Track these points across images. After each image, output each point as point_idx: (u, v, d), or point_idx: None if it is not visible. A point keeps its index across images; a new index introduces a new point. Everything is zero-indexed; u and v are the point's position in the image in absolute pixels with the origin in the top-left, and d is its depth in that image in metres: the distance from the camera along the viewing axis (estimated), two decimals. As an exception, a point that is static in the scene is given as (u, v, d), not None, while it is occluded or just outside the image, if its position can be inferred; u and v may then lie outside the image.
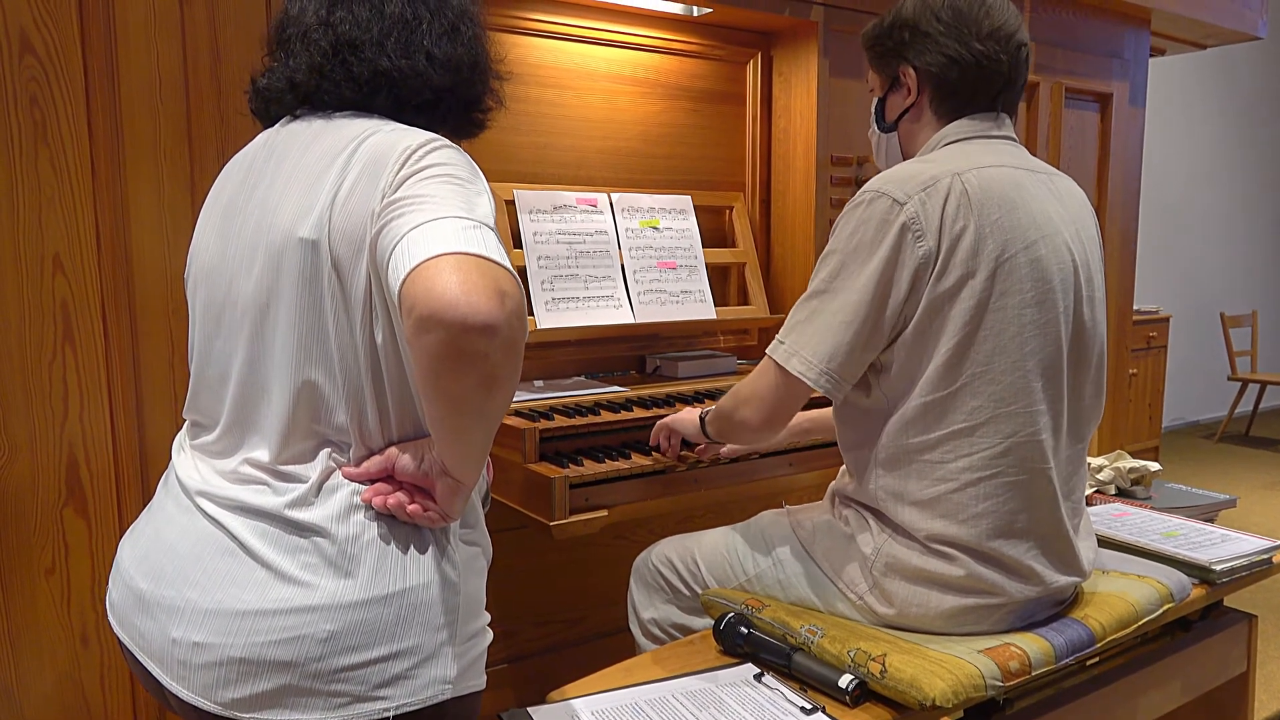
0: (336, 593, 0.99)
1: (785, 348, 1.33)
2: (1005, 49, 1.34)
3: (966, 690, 1.19)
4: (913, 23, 1.37)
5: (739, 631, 1.36)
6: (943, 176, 1.28)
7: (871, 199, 1.30)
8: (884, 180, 1.31)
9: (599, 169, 2.18)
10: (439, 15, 1.09)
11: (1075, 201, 1.41)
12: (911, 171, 1.31)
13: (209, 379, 1.11)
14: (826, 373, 1.29)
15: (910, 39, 1.38)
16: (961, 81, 1.35)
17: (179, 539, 1.06)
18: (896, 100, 1.44)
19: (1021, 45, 1.37)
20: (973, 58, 1.34)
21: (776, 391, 1.34)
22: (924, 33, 1.36)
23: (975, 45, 1.33)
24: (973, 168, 1.30)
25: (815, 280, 1.33)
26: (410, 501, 1.03)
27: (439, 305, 0.85)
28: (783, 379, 1.32)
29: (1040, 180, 1.37)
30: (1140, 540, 1.72)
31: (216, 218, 1.11)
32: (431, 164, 0.98)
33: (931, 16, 1.35)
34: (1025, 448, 1.29)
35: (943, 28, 1.34)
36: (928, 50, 1.36)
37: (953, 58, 1.34)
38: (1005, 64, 1.35)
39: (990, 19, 1.34)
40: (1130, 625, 1.41)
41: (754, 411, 1.37)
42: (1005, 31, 1.34)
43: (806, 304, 1.33)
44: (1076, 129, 2.93)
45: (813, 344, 1.29)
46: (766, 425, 1.37)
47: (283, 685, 0.97)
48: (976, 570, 1.29)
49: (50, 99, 1.43)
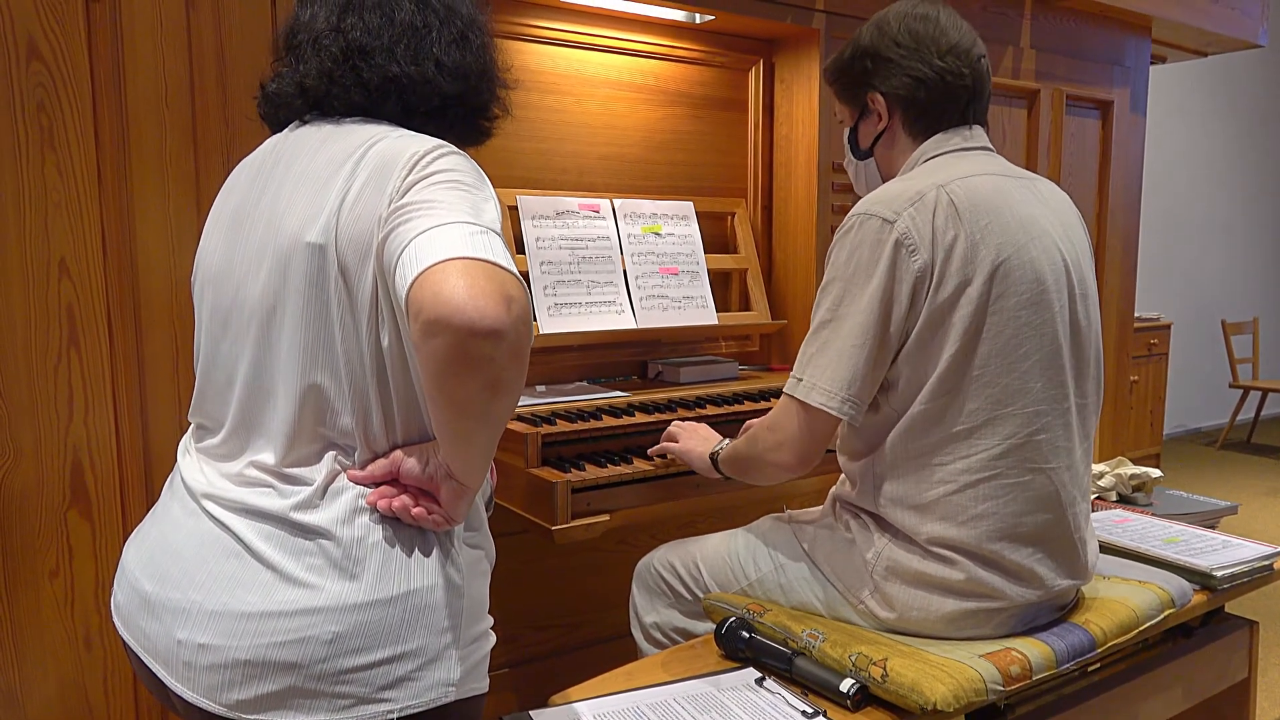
0: (341, 595, 0.99)
1: (804, 384, 1.32)
2: (966, 63, 1.38)
3: (968, 694, 1.19)
4: (873, 50, 1.41)
5: (740, 636, 1.36)
6: (927, 190, 1.30)
7: (861, 221, 1.32)
8: (870, 202, 1.33)
9: (601, 175, 2.19)
10: (448, 23, 1.10)
11: (1059, 203, 1.43)
12: (896, 190, 1.33)
13: (215, 382, 1.12)
14: (848, 399, 1.29)
15: (873, 66, 1.41)
16: (929, 100, 1.39)
17: (184, 541, 1.07)
18: (868, 127, 1.47)
19: (980, 57, 1.41)
20: (936, 75, 1.38)
21: (805, 430, 1.33)
22: (886, 58, 1.40)
23: (937, 63, 1.37)
24: (955, 178, 1.32)
25: (820, 311, 1.34)
26: (415, 504, 1.03)
27: (446, 310, 0.85)
28: (807, 415, 1.32)
29: (1023, 185, 1.39)
30: (1141, 546, 1.73)
31: (224, 222, 1.12)
32: (439, 170, 0.99)
33: (890, 43, 1.39)
34: (1025, 448, 1.30)
35: (904, 51, 1.38)
36: (892, 74, 1.40)
37: (918, 78, 1.38)
38: (968, 77, 1.39)
39: (946, 37, 1.38)
40: (1131, 631, 1.41)
41: (790, 454, 1.35)
42: (963, 46, 1.39)
43: (817, 336, 1.33)
44: (1078, 136, 2.94)
45: (829, 373, 1.30)
46: (802, 465, 1.37)
47: (287, 687, 0.98)
48: (977, 574, 1.30)
49: (57, 104, 1.44)
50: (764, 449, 1.39)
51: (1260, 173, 6.95)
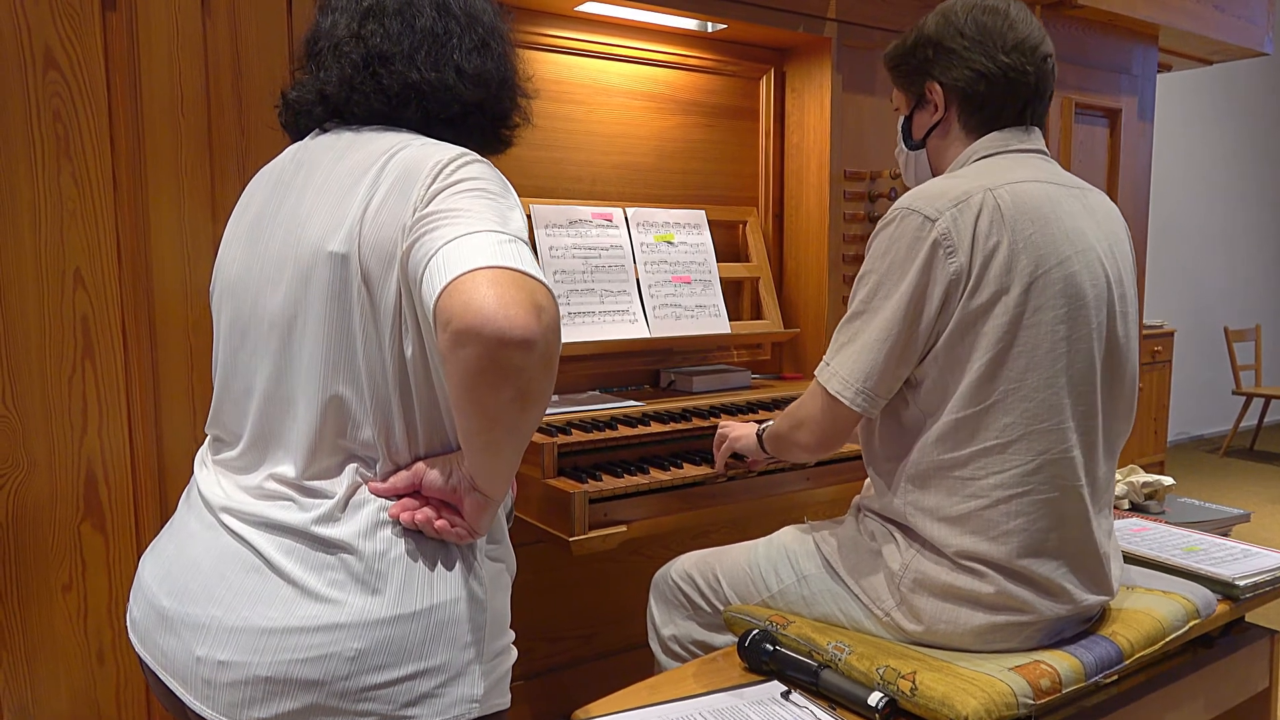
0: (364, 610, 0.98)
1: (829, 369, 1.35)
2: (1031, 60, 1.35)
3: (999, 709, 1.17)
4: (937, 39, 1.38)
5: (764, 648, 1.34)
6: (975, 192, 1.28)
7: (902, 216, 1.30)
8: (914, 197, 1.31)
9: (614, 184, 2.18)
10: (469, 31, 1.09)
11: (1108, 217, 1.40)
12: (942, 188, 1.30)
13: (233, 393, 1.11)
14: (862, 391, 1.30)
15: (935, 55, 1.38)
16: (989, 95, 1.35)
17: (203, 555, 1.05)
18: (923, 117, 1.44)
19: (1047, 56, 1.37)
20: (999, 71, 1.34)
21: (825, 414, 1.36)
22: (949, 49, 1.36)
23: (1001, 58, 1.33)
24: (1005, 183, 1.30)
25: (855, 301, 1.34)
26: (438, 517, 1.02)
27: (476, 319, 0.84)
28: (828, 401, 1.35)
29: (1074, 195, 1.36)
30: (1162, 556, 1.71)
31: (243, 231, 1.11)
32: (464, 178, 0.98)
33: (955, 33, 1.36)
34: (1057, 465, 1.28)
35: (968, 43, 1.34)
36: (954, 65, 1.36)
37: (980, 72, 1.34)
38: (1031, 75, 1.35)
39: (1014, 31, 1.34)
40: (1158, 642, 1.40)
41: (809, 434, 1.40)
42: (1030, 43, 1.35)
43: (849, 326, 1.34)
44: (1086, 144, 2.94)
45: (850, 364, 1.31)
46: (821, 447, 1.41)
47: (309, 704, 0.96)
48: (1007, 588, 1.28)
49: (73, 113, 1.43)
50: (791, 426, 1.44)
51: (1262, 180, 6.96)
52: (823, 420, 1.36)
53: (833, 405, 1.34)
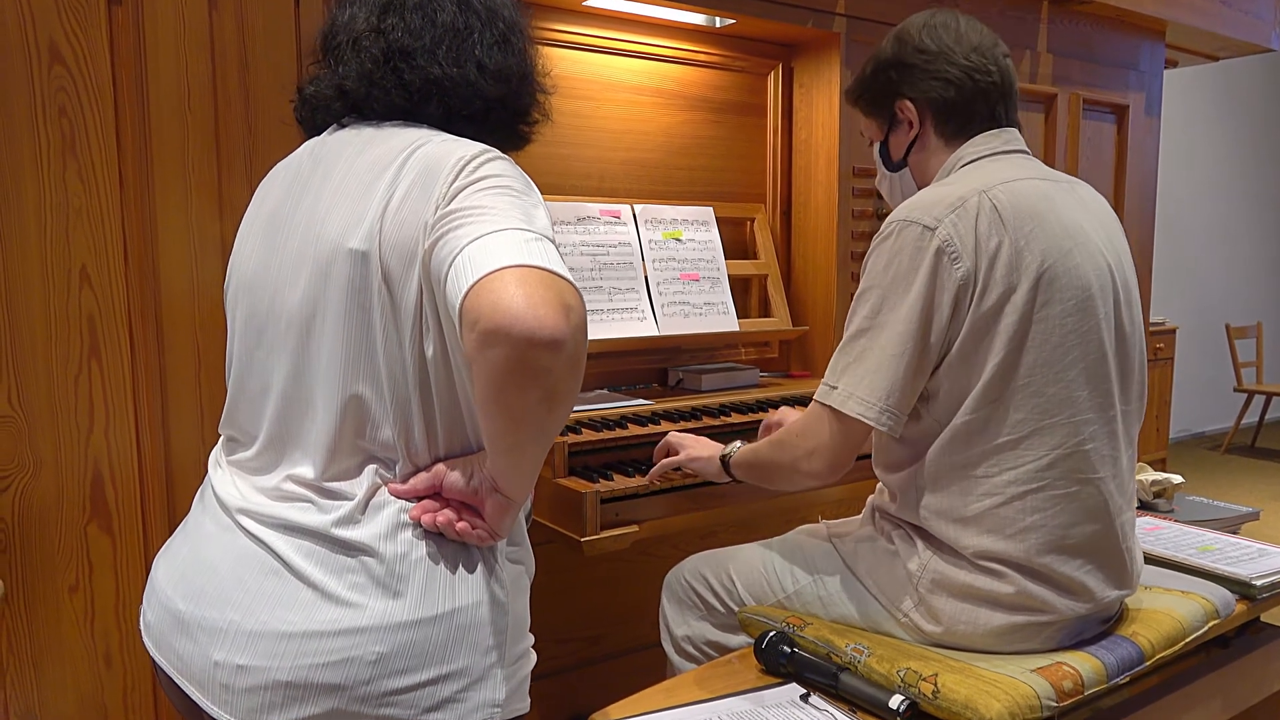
0: (385, 613, 0.96)
1: (839, 392, 1.29)
2: (991, 60, 1.37)
3: (1023, 711, 1.16)
4: (897, 60, 1.40)
5: (782, 651, 1.33)
6: (969, 195, 1.27)
7: (900, 229, 1.28)
8: (909, 208, 1.30)
9: (621, 180, 2.16)
10: (490, 25, 1.08)
11: (1100, 208, 1.41)
12: (936, 196, 1.30)
13: (249, 392, 1.09)
14: (887, 410, 1.26)
15: (899, 76, 1.40)
16: (959, 100, 1.37)
17: (219, 558, 1.03)
18: (899, 137, 1.45)
19: (1005, 55, 1.40)
20: (964, 74, 1.36)
21: (838, 438, 1.30)
22: (910, 65, 1.39)
23: (963, 62, 1.36)
24: (998, 183, 1.29)
25: (856, 320, 1.31)
26: (458, 519, 1.00)
27: (505, 319, 0.83)
28: (841, 424, 1.29)
29: (1064, 189, 1.36)
30: (1178, 555, 1.70)
31: (260, 228, 1.09)
32: (487, 175, 0.96)
33: (914, 50, 1.38)
34: (1073, 459, 1.27)
35: (927, 56, 1.37)
36: (919, 79, 1.38)
37: (946, 78, 1.37)
38: (995, 74, 1.37)
39: (968, 38, 1.37)
40: (1178, 642, 1.39)
41: (821, 463, 1.32)
42: (985, 45, 1.38)
43: (853, 345, 1.30)
44: (1094, 140, 2.92)
45: (868, 383, 1.27)
46: (832, 473, 1.34)
47: (330, 709, 0.95)
48: (1027, 587, 1.27)
49: (79, 110, 1.41)
50: (795, 457, 1.36)
51: (1263, 177, 6.96)
52: (836, 446, 1.30)
53: (847, 428, 1.29)
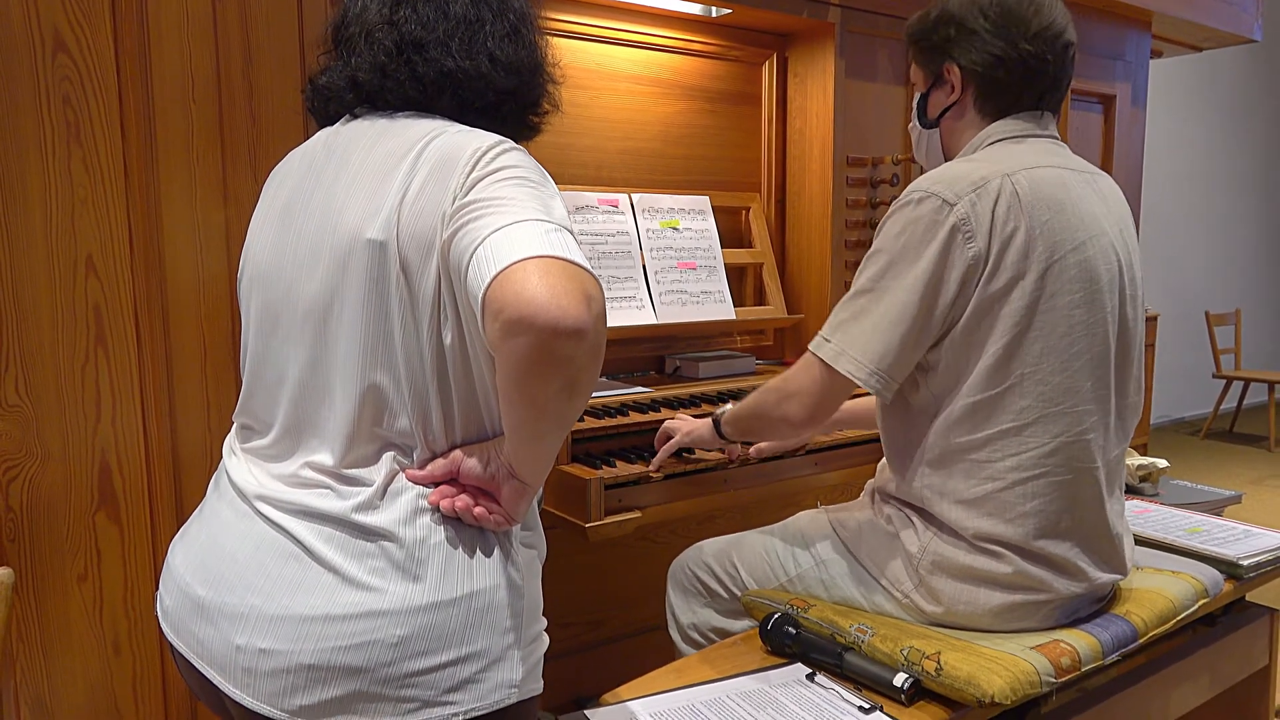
0: (405, 597, 0.98)
1: (832, 346, 1.31)
2: (1052, 49, 1.33)
3: (1023, 686, 1.20)
4: (959, 19, 1.35)
5: (787, 632, 1.36)
6: (993, 178, 1.28)
7: (920, 198, 1.30)
8: (933, 180, 1.31)
9: (619, 169, 2.17)
10: (501, 17, 1.08)
11: (1118, 201, 1.42)
12: (960, 172, 1.30)
13: (265, 381, 1.10)
14: (877, 373, 1.28)
15: (956, 35, 1.36)
16: (1007, 81, 1.34)
17: (238, 544, 1.05)
18: (939, 97, 1.43)
19: (1069, 45, 1.36)
20: (1019, 58, 1.32)
21: (822, 388, 1.33)
22: (970, 30, 1.34)
23: (1023, 45, 1.32)
24: (1021, 168, 1.30)
25: (860, 279, 1.33)
26: (475, 504, 1.02)
27: (529, 309, 0.84)
28: (828, 376, 1.32)
29: (1084, 180, 1.37)
30: (1167, 537, 1.75)
31: (275, 218, 1.10)
32: (503, 166, 0.97)
33: (979, 13, 1.34)
34: (1073, 447, 1.30)
35: (990, 25, 1.32)
36: (973, 49, 1.34)
37: (999, 57, 1.33)
38: (1051, 64, 1.34)
39: (1039, 18, 1.32)
40: (1170, 620, 1.43)
41: (799, 407, 1.35)
42: (1054, 31, 1.33)
43: (853, 302, 1.32)
44: (1082, 130, 2.96)
45: (861, 343, 1.29)
46: (810, 421, 1.36)
47: (352, 691, 0.96)
48: (1024, 567, 1.30)
49: (83, 98, 1.41)
50: (776, 400, 1.39)
51: (1243, 166, 7.05)
52: (816, 393, 1.32)
53: (833, 381, 1.31)
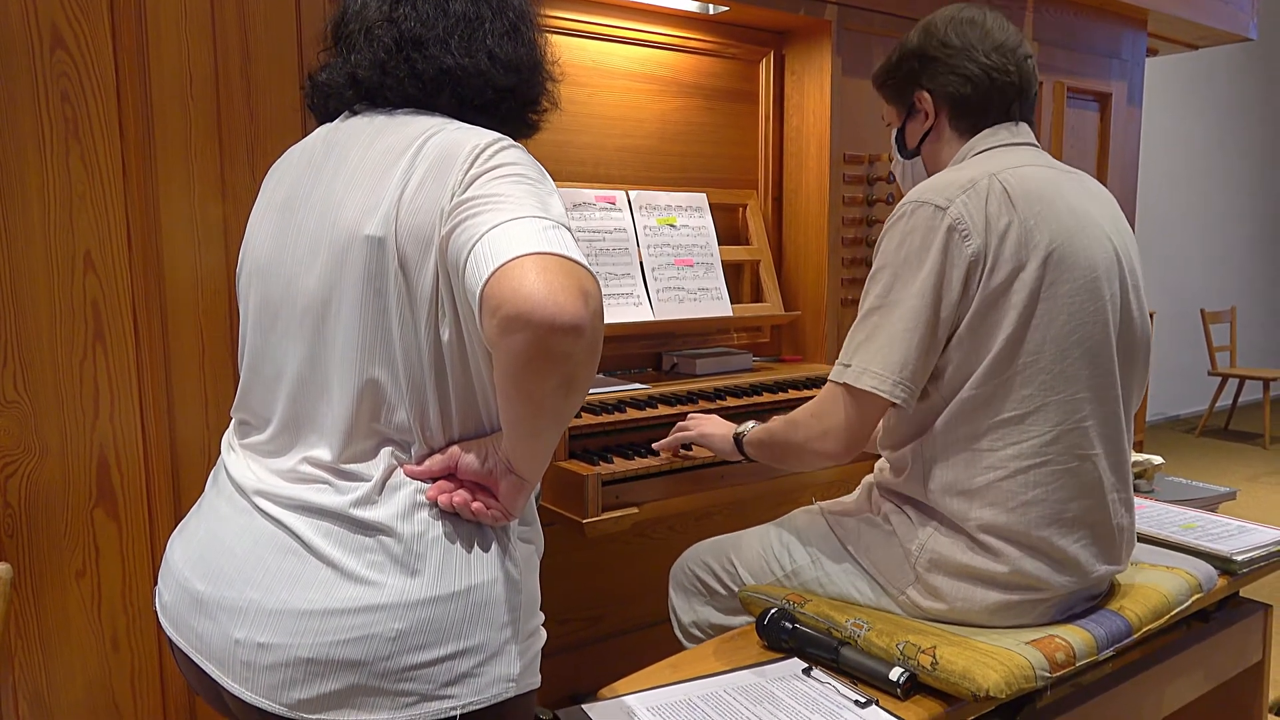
0: (404, 591, 0.98)
1: (853, 369, 1.31)
2: (1012, 60, 1.41)
3: (1018, 681, 1.20)
4: (920, 51, 1.44)
5: (783, 626, 1.36)
6: (980, 178, 1.32)
7: (913, 209, 1.32)
8: (921, 190, 1.34)
9: (616, 166, 2.18)
10: (500, 15, 1.09)
11: (1107, 199, 1.45)
12: (948, 179, 1.34)
13: (263, 376, 1.10)
14: (900, 382, 1.28)
15: (921, 66, 1.44)
16: (976, 96, 1.41)
17: (236, 539, 1.05)
18: (915, 126, 1.49)
19: (1027, 57, 1.44)
20: (983, 73, 1.40)
21: (851, 418, 1.32)
22: (932, 58, 1.43)
23: (984, 60, 1.40)
24: (1007, 168, 1.34)
25: (869, 299, 1.34)
26: (473, 499, 1.02)
27: (526, 306, 0.85)
28: (855, 401, 1.31)
29: (1072, 178, 1.41)
30: (1162, 533, 1.75)
31: (273, 214, 1.10)
32: (501, 163, 0.98)
33: (937, 43, 1.42)
34: (1073, 435, 1.31)
35: (951, 51, 1.41)
36: (939, 73, 1.42)
37: (965, 75, 1.41)
38: (1014, 75, 1.41)
39: (992, 37, 1.41)
40: (1164, 616, 1.44)
41: (837, 443, 1.34)
42: (1009, 45, 1.42)
43: (865, 323, 1.33)
44: (1077, 128, 2.97)
45: (881, 358, 1.29)
46: (848, 452, 1.36)
47: (350, 685, 0.97)
48: (1021, 565, 1.31)
49: (81, 95, 1.41)
50: (809, 436, 1.38)
51: (1238, 163, 7.07)
52: (851, 424, 1.32)
53: (863, 405, 1.31)
